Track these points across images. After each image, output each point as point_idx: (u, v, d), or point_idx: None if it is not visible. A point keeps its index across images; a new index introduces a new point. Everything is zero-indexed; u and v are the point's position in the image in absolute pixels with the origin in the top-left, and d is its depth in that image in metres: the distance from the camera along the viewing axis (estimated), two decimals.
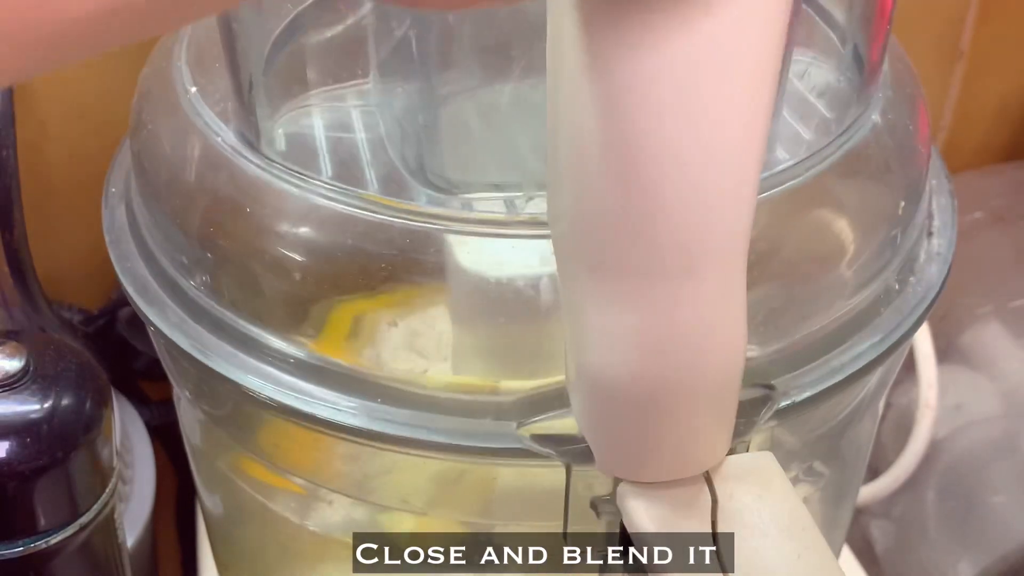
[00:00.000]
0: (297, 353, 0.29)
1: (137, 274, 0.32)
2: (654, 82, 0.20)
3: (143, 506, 0.47)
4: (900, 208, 0.32)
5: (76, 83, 0.45)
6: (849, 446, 0.36)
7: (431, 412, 0.28)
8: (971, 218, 0.58)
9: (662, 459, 0.25)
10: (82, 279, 0.49)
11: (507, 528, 0.31)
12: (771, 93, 0.21)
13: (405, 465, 0.30)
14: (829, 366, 0.30)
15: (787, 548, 0.25)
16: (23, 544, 0.30)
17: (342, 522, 0.33)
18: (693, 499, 0.26)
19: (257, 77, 0.30)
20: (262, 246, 0.29)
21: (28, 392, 0.30)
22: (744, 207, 0.22)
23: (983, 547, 0.49)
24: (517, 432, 0.27)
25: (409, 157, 0.29)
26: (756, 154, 0.21)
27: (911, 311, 0.32)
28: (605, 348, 0.23)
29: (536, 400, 0.28)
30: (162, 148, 0.32)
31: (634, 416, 0.24)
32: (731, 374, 0.24)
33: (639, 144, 0.21)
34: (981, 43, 0.60)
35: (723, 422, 0.25)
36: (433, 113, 0.28)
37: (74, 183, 0.47)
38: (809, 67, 0.32)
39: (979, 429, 0.52)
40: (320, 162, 0.30)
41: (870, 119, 0.32)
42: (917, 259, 0.33)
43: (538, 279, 0.27)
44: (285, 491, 0.34)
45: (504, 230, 0.28)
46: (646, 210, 0.21)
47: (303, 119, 0.31)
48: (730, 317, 0.23)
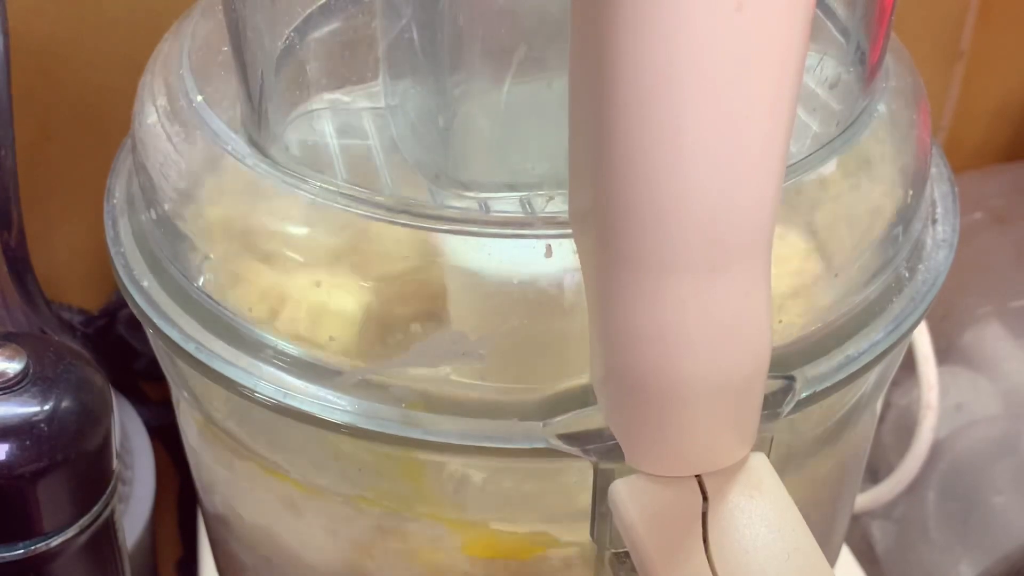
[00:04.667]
0: (309, 356, 0.29)
1: (141, 283, 0.32)
2: (686, 72, 0.20)
3: (143, 506, 0.47)
4: (909, 196, 0.32)
5: (76, 83, 0.45)
6: (847, 445, 0.36)
7: (454, 415, 0.28)
8: (971, 218, 0.58)
9: (694, 453, 0.25)
10: (82, 279, 0.49)
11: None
12: (797, 85, 0.21)
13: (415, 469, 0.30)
14: (845, 355, 0.30)
15: (777, 548, 0.25)
16: (24, 546, 0.30)
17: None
18: (684, 498, 0.26)
19: (268, 82, 0.30)
20: (277, 250, 0.29)
21: (28, 394, 0.30)
22: (772, 199, 0.22)
23: (984, 547, 0.50)
24: (543, 431, 0.27)
25: (424, 159, 0.29)
26: (784, 145, 0.22)
27: (923, 297, 0.32)
28: (635, 346, 0.23)
29: (561, 399, 0.28)
30: (168, 156, 0.32)
31: (664, 412, 0.24)
32: (759, 367, 0.24)
33: (670, 137, 0.21)
34: (981, 43, 0.60)
35: (751, 415, 0.25)
36: (450, 114, 0.28)
37: (74, 183, 0.47)
38: (821, 61, 0.32)
39: (980, 429, 0.53)
40: (333, 165, 0.30)
41: (876, 109, 0.32)
42: (925, 246, 0.33)
43: (560, 278, 0.28)
44: (285, 491, 0.34)
45: (524, 230, 0.28)
46: (677, 205, 0.21)
47: (314, 123, 0.31)
48: (758, 310, 0.23)
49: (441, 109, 0.28)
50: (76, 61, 0.44)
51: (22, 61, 0.43)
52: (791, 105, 0.21)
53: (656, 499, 0.26)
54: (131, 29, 0.44)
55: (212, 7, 0.35)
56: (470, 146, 0.29)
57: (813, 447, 0.34)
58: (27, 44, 0.43)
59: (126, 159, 0.36)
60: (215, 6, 0.34)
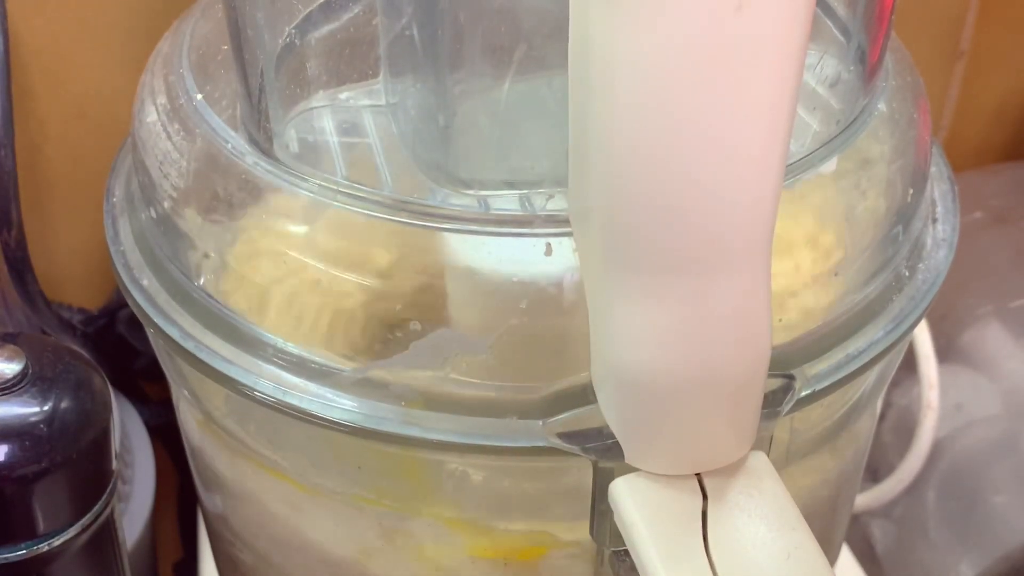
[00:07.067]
0: (309, 355, 0.29)
1: (140, 282, 0.32)
2: (686, 72, 0.20)
3: (143, 506, 0.47)
4: (909, 195, 0.32)
5: (76, 83, 0.45)
6: (847, 445, 0.36)
7: (453, 413, 0.28)
8: (971, 218, 0.58)
9: (694, 451, 0.25)
10: (82, 279, 0.49)
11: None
12: (797, 84, 0.21)
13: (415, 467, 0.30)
14: (845, 353, 0.30)
15: (777, 547, 0.25)
16: (25, 547, 0.30)
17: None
18: (684, 496, 0.26)
19: (268, 80, 0.30)
20: (277, 249, 0.29)
21: (27, 395, 0.30)
22: (772, 199, 0.22)
23: (984, 547, 0.50)
24: (543, 430, 0.27)
25: (424, 157, 0.29)
26: (784, 144, 0.22)
27: (923, 296, 0.32)
28: (636, 344, 0.23)
29: (560, 397, 0.28)
30: (168, 154, 0.32)
31: (665, 410, 0.24)
32: (759, 365, 0.24)
33: (670, 136, 0.21)
34: (981, 43, 0.60)
35: (750, 413, 0.25)
36: (450, 112, 0.28)
37: (74, 183, 0.46)
38: (821, 60, 0.32)
39: (980, 429, 0.52)
40: (333, 163, 0.30)
41: (876, 108, 0.32)
42: (925, 245, 0.33)
43: (560, 276, 0.28)
44: (285, 491, 0.33)
45: (524, 228, 0.28)
46: (677, 204, 0.21)
47: (314, 121, 0.31)
48: (758, 309, 0.23)
49: (441, 107, 0.28)
50: (76, 61, 0.44)
51: (22, 61, 0.43)
52: (791, 104, 0.21)
53: (656, 497, 0.26)
54: (131, 29, 0.44)
55: (212, 7, 0.35)
56: (470, 144, 0.29)
57: (813, 446, 0.34)
58: (27, 44, 0.43)
59: (126, 159, 0.36)
60: (215, 6, 0.34)
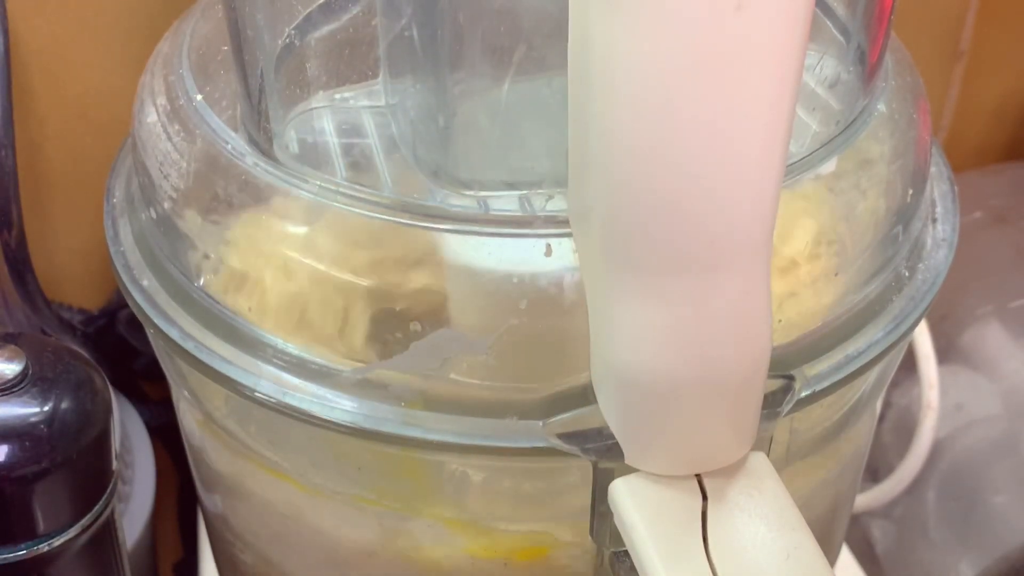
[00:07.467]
0: (309, 355, 0.29)
1: (140, 283, 0.32)
2: (686, 72, 0.20)
3: (143, 506, 0.47)
4: (909, 195, 0.32)
5: (76, 83, 0.45)
6: (847, 445, 0.36)
7: (453, 414, 0.28)
8: (971, 218, 0.58)
9: (694, 452, 0.25)
10: (82, 279, 0.49)
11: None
12: (797, 85, 0.21)
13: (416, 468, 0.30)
14: (845, 354, 0.30)
15: (777, 547, 0.25)
16: (25, 547, 0.30)
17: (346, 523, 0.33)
18: (684, 497, 0.26)
19: (268, 80, 0.30)
20: (277, 250, 0.29)
21: (27, 396, 0.30)
22: (771, 199, 0.22)
23: (984, 547, 0.50)
24: (543, 430, 0.27)
25: (424, 157, 0.29)
26: (783, 144, 0.22)
27: (923, 297, 0.32)
28: (635, 345, 0.23)
29: (560, 398, 0.28)
30: (168, 155, 0.32)
31: (665, 411, 0.24)
32: (759, 366, 0.24)
33: (669, 136, 0.21)
34: (981, 43, 0.60)
35: (750, 414, 0.25)
36: (450, 113, 0.28)
37: (74, 183, 0.46)
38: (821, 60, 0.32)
39: (980, 429, 0.52)
40: (333, 164, 0.30)
41: (876, 109, 0.32)
42: (925, 246, 0.33)
43: (560, 277, 0.28)
44: (286, 491, 0.34)
45: (524, 229, 0.28)
46: (677, 204, 0.21)
47: (314, 121, 0.31)
48: (758, 309, 0.23)
49: (441, 107, 0.28)
50: (76, 61, 0.44)
51: (22, 61, 0.43)
52: (791, 105, 0.21)
53: (656, 498, 0.26)
54: (131, 29, 0.44)
55: (212, 7, 0.35)
56: (470, 144, 0.29)
57: (813, 446, 0.34)
58: (27, 44, 0.43)
59: (126, 159, 0.36)
60: (215, 6, 0.34)
